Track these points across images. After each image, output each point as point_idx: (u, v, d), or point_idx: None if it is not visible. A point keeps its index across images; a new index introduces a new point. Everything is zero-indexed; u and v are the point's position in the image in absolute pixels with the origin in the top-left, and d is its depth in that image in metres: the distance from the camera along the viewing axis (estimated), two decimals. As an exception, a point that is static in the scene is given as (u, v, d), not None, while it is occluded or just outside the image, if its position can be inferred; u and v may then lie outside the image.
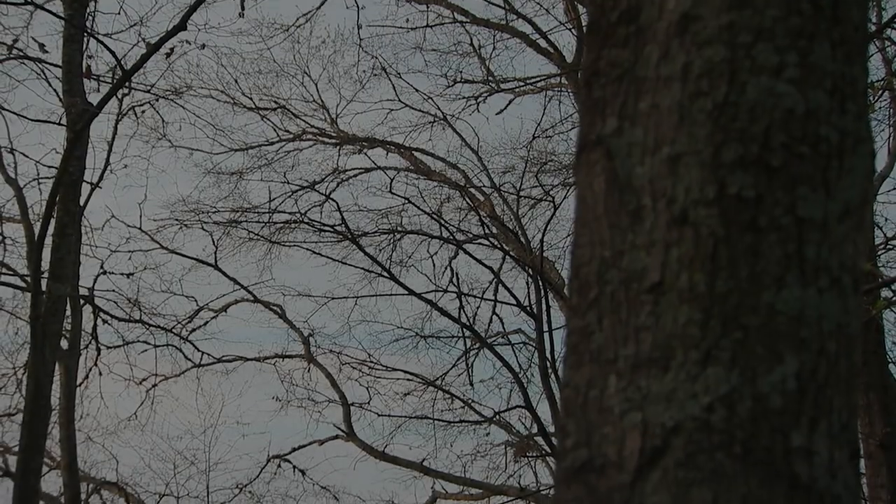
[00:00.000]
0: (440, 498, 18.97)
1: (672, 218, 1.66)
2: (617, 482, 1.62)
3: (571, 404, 1.73)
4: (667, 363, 1.62)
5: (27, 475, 5.35)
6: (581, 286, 1.76)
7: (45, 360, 6.85)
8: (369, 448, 18.71)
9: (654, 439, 1.60)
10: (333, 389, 19.28)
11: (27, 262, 14.57)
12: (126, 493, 16.28)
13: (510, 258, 16.88)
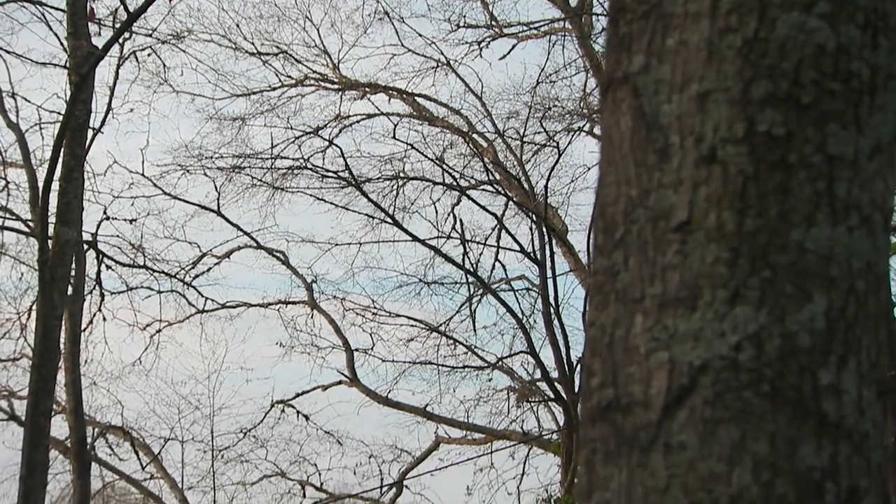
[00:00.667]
0: (443, 443, 19.08)
1: (700, 156, 1.64)
2: (643, 421, 1.61)
3: (597, 344, 1.72)
4: (694, 302, 1.61)
5: (37, 418, 5.38)
6: (607, 226, 1.75)
7: (54, 304, 6.86)
8: (373, 393, 18.79)
9: (682, 378, 1.59)
10: (337, 335, 19.33)
11: (30, 208, 14.58)
12: (131, 437, 16.38)
13: (514, 204, 16.85)
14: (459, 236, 16.59)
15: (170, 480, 16.43)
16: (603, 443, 1.67)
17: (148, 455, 16.69)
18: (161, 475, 16.61)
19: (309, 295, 19.57)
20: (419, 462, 19.36)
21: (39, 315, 6.79)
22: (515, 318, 15.79)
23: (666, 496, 1.57)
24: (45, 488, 5.27)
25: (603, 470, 1.66)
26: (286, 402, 19.13)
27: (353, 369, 19.06)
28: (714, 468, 1.54)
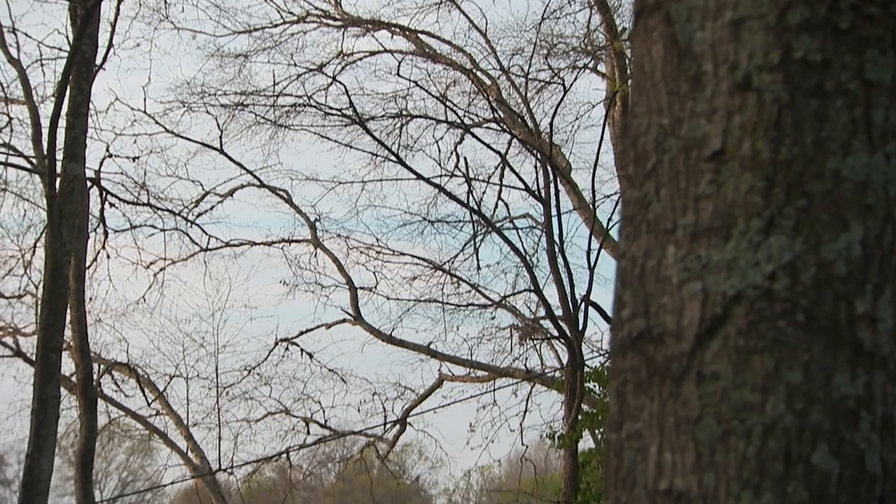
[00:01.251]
0: (446, 380, 19.19)
1: (734, 84, 1.62)
2: (675, 351, 1.61)
3: (627, 275, 1.71)
4: (728, 232, 1.60)
5: (48, 353, 5.40)
6: (638, 156, 1.73)
7: (63, 240, 6.84)
8: (376, 331, 18.87)
9: (715, 308, 1.58)
10: (340, 274, 19.37)
11: (32, 144, 14.52)
12: (136, 373, 16.46)
13: (518, 142, 16.78)
14: (463, 174, 16.54)
15: (175, 417, 16.53)
16: (634, 373, 1.66)
17: (153, 392, 16.79)
18: (166, 412, 16.71)
19: (312, 233, 19.57)
20: (422, 399, 19.49)
21: (48, 251, 6.76)
22: (520, 255, 15.78)
23: (699, 425, 1.56)
24: (56, 422, 5.31)
25: (634, 400, 1.66)
26: (290, 340, 19.21)
27: (357, 308, 19.11)
28: (748, 397, 1.54)
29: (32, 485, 5.09)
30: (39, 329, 6.22)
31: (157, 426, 17.13)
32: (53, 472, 14.04)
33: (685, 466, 1.57)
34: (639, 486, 1.62)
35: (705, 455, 1.55)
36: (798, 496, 1.50)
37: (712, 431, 1.55)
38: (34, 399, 5.25)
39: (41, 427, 5.14)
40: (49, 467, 5.16)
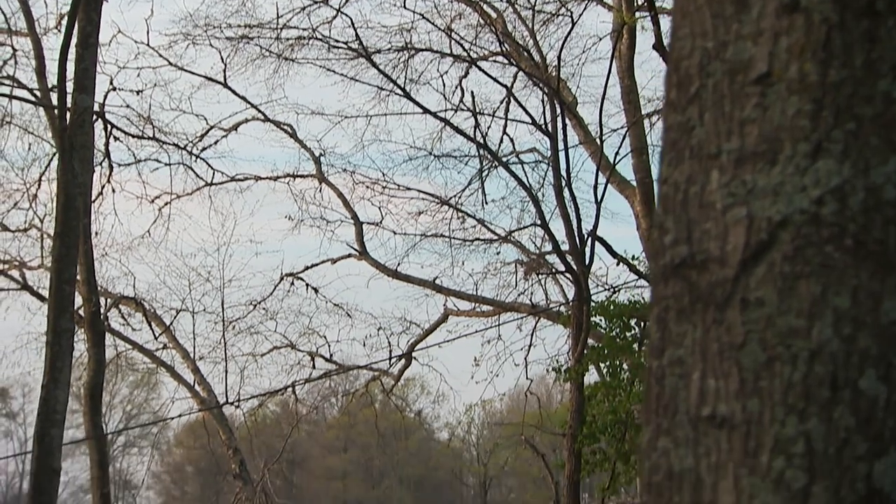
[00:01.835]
0: (451, 315, 19.23)
1: (781, 5, 1.59)
2: (719, 277, 1.59)
3: (670, 201, 1.69)
4: (774, 156, 1.57)
5: (62, 285, 5.39)
6: (681, 80, 1.70)
7: (75, 172, 6.80)
8: (382, 266, 18.88)
9: (760, 234, 1.57)
10: (345, 209, 19.34)
11: (36, 77, 14.44)
12: (143, 307, 16.50)
13: (524, 75, 16.65)
14: (469, 108, 16.44)
15: (182, 351, 16.60)
16: (676, 300, 1.65)
17: (160, 326, 16.84)
18: (173, 345, 16.77)
19: (317, 168, 19.51)
20: (428, 334, 19.56)
21: (60, 184, 6.73)
22: (526, 189, 15.74)
23: (743, 351, 1.55)
24: (71, 354, 5.33)
25: (676, 327, 1.65)
26: (295, 275, 19.23)
27: (363, 243, 19.12)
28: (793, 323, 1.53)
29: (48, 416, 5.12)
30: (52, 261, 6.20)
31: (163, 360, 17.23)
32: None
33: (729, 392, 1.56)
34: (680, 413, 1.62)
35: (749, 381, 1.55)
36: (844, 421, 1.49)
37: (757, 357, 1.54)
38: (48, 331, 5.27)
39: (56, 359, 5.16)
40: (64, 399, 5.18)
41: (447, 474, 73.01)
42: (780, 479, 1.50)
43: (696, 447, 1.59)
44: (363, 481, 71.86)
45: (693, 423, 1.60)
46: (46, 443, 5.12)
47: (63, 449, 6.15)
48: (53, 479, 5.11)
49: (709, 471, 1.56)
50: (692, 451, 1.59)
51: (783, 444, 1.51)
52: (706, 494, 1.56)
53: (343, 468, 69.21)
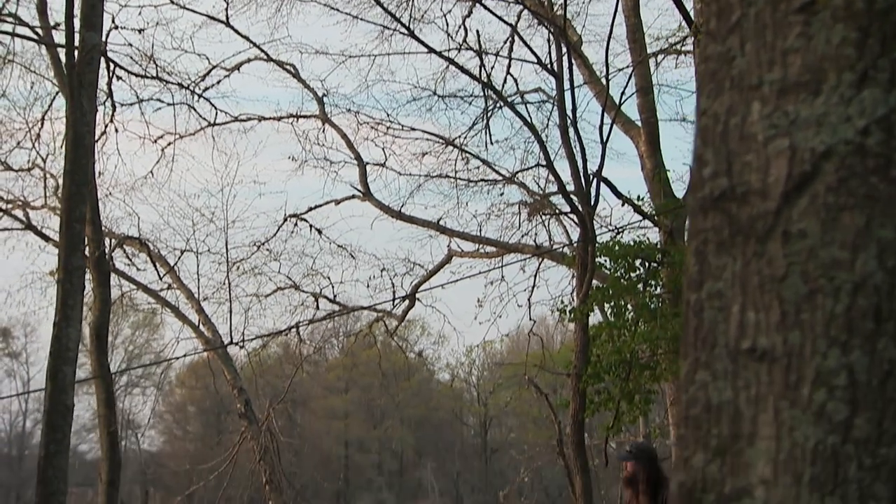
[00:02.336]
0: (455, 256, 19.23)
1: (826, -70, 1.56)
2: (760, 210, 1.58)
3: (709, 133, 1.67)
4: (818, 86, 1.55)
5: (72, 223, 5.36)
6: (721, 9, 1.67)
7: (84, 110, 6.74)
8: (386, 208, 18.84)
9: (803, 165, 1.55)
10: (349, 150, 19.27)
11: (38, 15, 14.31)
12: (148, 247, 16.48)
13: (529, 14, 16.49)
14: (473, 48, 16.31)
15: (186, 291, 16.61)
16: (715, 233, 1.64)
17: (164, 266, 16.84)
18: (177, 286, 16.79)
19: (321, 109, 19.40)
20: (431, 275, 19.57)
21: (69, 122, 6.67)
22: (531, 129, 15.65)
23: (784, 284, 1.54)
24: (82, 292, 5.33)
25: (715, 260, 1.63)
26: (299, 216, 19.20)
27: (366, 184, 19.07)
28: (837, 255, 1.51)
29: (60, 353, 5.13)
30: (62, 200, 6.17)
31: (168, 300, 17.25)
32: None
33: (769, 325, 1.55)
34: (719, 346, 1.61)
35: (791, 313, 1.54)
36: (888, 353, 1.48)
37: (798, 290, 1.53)
38: (59, 269, 5.26)
39: (67, 297, 5.16)
40: (76, 336, 5.19)
41: (448, 414, 73.54)
42: (821, 412, 1.50)
43: (736, 380, 1.58)
44: (364, 421, 72.38)
45: (732, 356, 1.59)
46: (59, 380, 5.14)
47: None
48: (67, 415, 5.13)
49: (748, 403, 1.56)
50: (731, 384, 1.59)
51: (825, 376, 1.50)
52: (745, 427, 1.56)
53: (344, 408, 69.69)
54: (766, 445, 1.53)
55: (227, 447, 21.51)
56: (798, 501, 1.49)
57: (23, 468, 57.87)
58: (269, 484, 14.72)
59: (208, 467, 17.10)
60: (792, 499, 1.49)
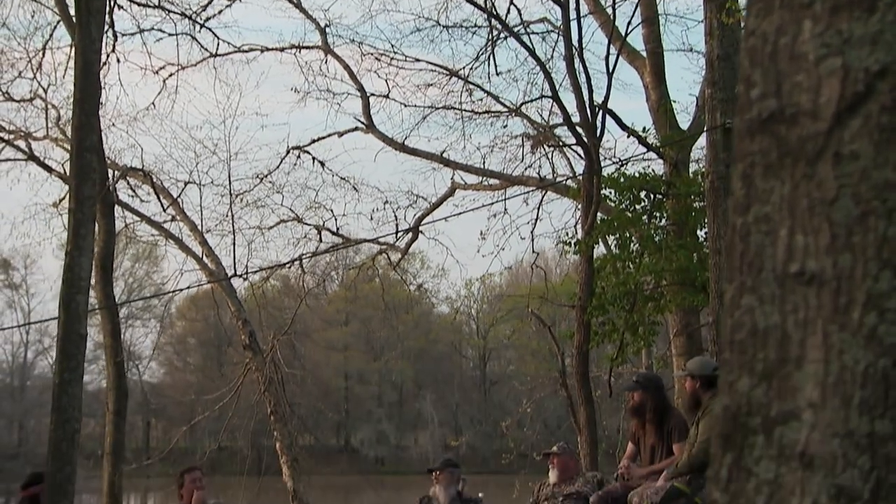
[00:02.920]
0: (459, 189, 19.17)
1: None
2: (811, 131, 1.55)
3: (758, 53, 1.64)
4: (872, 4, 1.52)
5: (83, 153, 5.31)
6: (770, -73, 1.64)
7: (93, 37, 6.66)
8: (389, 140, 18.75)
9: (856, 85, 1.52)
10: (352, 81, 19.12)
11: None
12: (151, 179, 16.42)
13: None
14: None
15: (189, 223, 16.58)
16: (763, 156, 1.61)
17: (167, 198, 16.79)
18: (181, 218, 16.75)
19: (323, 39, 19.22)
20: (434, 208, 19.53)
21: (78, 49, 6.59)
22: (537, 59, 15.53)
23: (834, 206, 1.52)
24: (93, 221, 5.31)
25: (763, 183, 1.61)
26: (302, 148, 19.11)
27: (369, 116, 18.95)
28: (890, 177, 1.49)
29: (73, 282, 5.13)
30: (73, 129, 6.11)
31: (171, 232, 17.21)
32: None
33: (819, 248, 1.53)
34: (766, 270, 1.59)
35: (841, 236, 1.52)
36: (941, 275, 1.47)
37: (849, 212, 1.51)
38: (70, 199, 5.23)
39: (79, 226, 5.14)
40: (88, 266, 5.18)
41: (447, 347, 73.96)
42: (872, 335, 1.49)
43: (783, 304, 1.57)
44: (364, 354, 72.82)
45: (780, 280, 1.58)
46: (73, 308, 5.14)
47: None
48: (80, 344, 5.15)
49: (796, 327, 1.55)
50: (778, 308, 1.57)
51: (876, 299, 1.49)
52: (793, 350, 1.55)
53: (344, 341, 70.06)
54: (814, 369, 1.52)
55: (229, 379, 21.65)
56: (847, 424, 1.48)
57: (25, 398, 58.32)
58: (274, 414, 14.83)
59: (213, 398, 17.21)
60: (840, 422, 1.49)
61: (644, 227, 13.32)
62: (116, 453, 15.42)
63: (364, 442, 69.85)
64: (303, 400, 26.59)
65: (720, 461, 1.61)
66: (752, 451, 1.56)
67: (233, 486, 15.94)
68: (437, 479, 9.48)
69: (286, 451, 14.59)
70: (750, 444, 1.57)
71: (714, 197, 9.92)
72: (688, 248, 12.80)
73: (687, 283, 12.73)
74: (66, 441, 4.91)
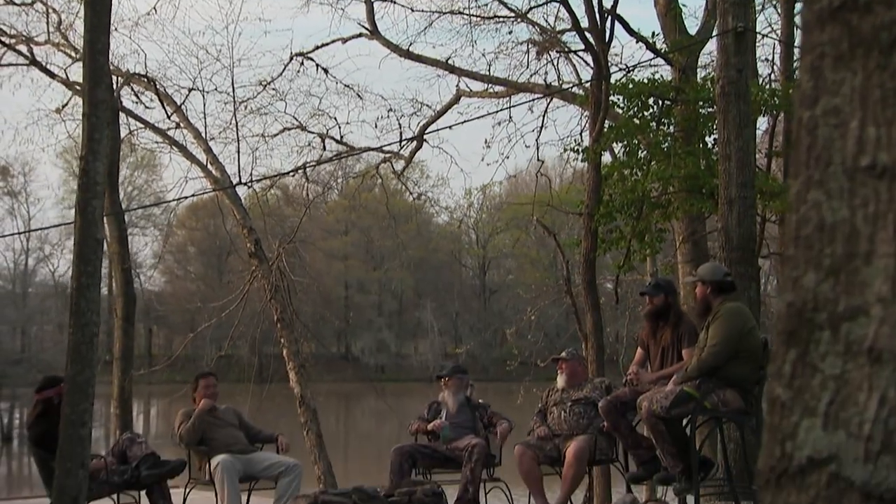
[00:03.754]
0: (464, 96, 19.00)
1: None
2: (885, 19, 1.52)
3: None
4: None
5: (95, 56, 5.21)
6: None
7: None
8: (393, 46, 18.53)
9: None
10: (357, -16, 18.83)
11: None
12: (155, 84, 16.27)
13: None
14: None
15: (193, 130, 16.44)
16: (833, 46, 1.58)
17: (171, 105, 16.64)
18: (185, 125, 16.61)
19: (326, -59, 18.90)
20: (439, 116, 19.38)
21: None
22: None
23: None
24: (107, 126, 5.26)
25: (832, 74, 1.58)
26: (305, 55, 18.88)
27: (374, 21, 18.71)
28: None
29: (89, 187, 5.10)
30: (84, 31, 6.02)
31: (175, 139, 17.08)
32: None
33: (891, 141, 1.51)
34: (835, 164, 1.57)
35: (916, 128, 1.49)
36: None
37: (927, 102, 1.48)
38: (84, 103, 5.16)
39: (93, 131, 5.08)
40: (103, 170, 5.14)
41: (447, 256, 74.20)
42: (945, 229, 1.47)
43: (852, 198, 1.54)
44: (364, 263, 73.07)
45: (849, 174, 1.55)
46: (89, 213, 5.12)
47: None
48: (97, 248, 5.13)
49: (865, 221, 1.53)
50: (847, 203, 1.55)
51: (951, 191, 1.47)
52: (862, 245, 1.53)
53: (344, 250, 70.25)
54: (884, 264, 1.50)
55: (231, 288, 21.71)
56: (918, 319, 1.47)
57: (26, 304, 58.63)
58: (281, 321, 14.89)
59: (218, 306, 17.27)
60: (911, 317, 1.47)
61: (652, 134, 13.24)
62: (126, 358, 15.57)
63: (365, 350, 70.46)
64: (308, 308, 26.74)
65: (783, 357, 1.60)
66: (818, 347, 1.55)
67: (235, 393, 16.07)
68: (447, 385, 9.57)
69: (293, 358, 14.69)
70: (816, 339, 1.56)
71: (724, 102, 9.84)
72: (696, 155, 12.73)
73: (695, 190, 12.69)
74: (85, 344, 4.93)
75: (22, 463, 35.75)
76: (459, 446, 9.05)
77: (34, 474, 30.87)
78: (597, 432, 8.66)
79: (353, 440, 35.40)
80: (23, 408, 43.19)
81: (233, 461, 8.49)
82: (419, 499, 8.12)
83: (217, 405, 9.07)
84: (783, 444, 1.57)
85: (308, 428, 14.47)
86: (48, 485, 7.90)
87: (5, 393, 42.72)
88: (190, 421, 8.68)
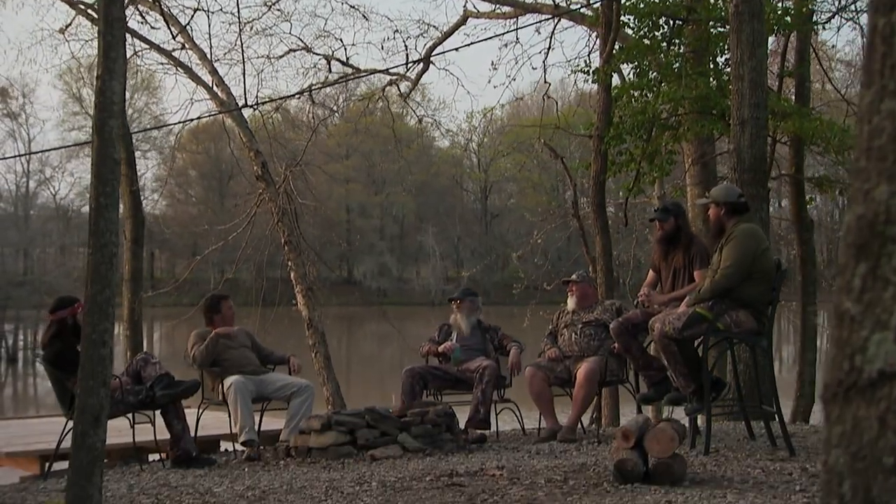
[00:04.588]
0: (471, 17, 18.78)
1: None
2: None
3: None
4: None
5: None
6: None
7: None
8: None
9: None
10: None
11: None
12: (160, 5, 16.07)
13: None
14: None
15: (199, 52, 16.26)
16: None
17: (176, 26, 16.44)
18: (190, 46, 16.43)
19: None
20: (446, 37, 19.18)
21: None
22: None
23: None
24: (124, 44, 5.19)
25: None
26: (309, -27, 18.64)
27: (379, -62, 18.46)
28: None
29: (105, 106, 5.04)
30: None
31: (181, 60, 16.91)
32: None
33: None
34: (912, 69, 1.53)
35: None
36: None
37: None
38: (100, 21, 5.10)
39: (109, 49, 5.01)
40: (120, 89, 5.08)
41: (448, 181, 74.02)
42: None
43: (929, 107, 1.51)
44: (365, 187, 72.92)
45: (926, 82, 1.52)
46: (106, 132, 5.07)
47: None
48: (115, 169, 5.09)
49: (944, 129, 1.50)
50: (923, 112, 1.52)
51: None
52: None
53: (346, 174, 70.04)
54: (960, 175, 1.48)
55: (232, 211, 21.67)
56: None
57: (28, 227, 58.64)
58: (288, 244, 14.88)
59: (225, 228, 17.26)
60: None
61: (663, 55, 13.11)
62: (135, 280, 15.61)
63: (366, 274, 70.66)
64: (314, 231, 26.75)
65: (853, 271, 1.58)
66: (891, 260, 1.53)
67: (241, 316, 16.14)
68: (458, 308, 9.59)
69: (301, 281, 14.70)
70: (888, 252, 1.54)
71: (738, 21, 9.73)
72: (707, 76, 12.63)
73: (705, 112, 12.60)
74: (104, 264, 4.90)
75: (27, 384, 36.00)
76: (470, 368, 9.10)
77: (40, 395, 30.90)
78: (607, 353, 8.71)
79: (355, 363, 35.60)
80: (27, 329, 43.39)
81: (245, 382, 8.53)
82: (431, 419, 8.18)
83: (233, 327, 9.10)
84: (852, 357, 1.55)
85: (316, 350, 14.53)
86: (63, 403, 7.96)
87: (9, 314, 42.87)
88: (204, 343, 8.71)
